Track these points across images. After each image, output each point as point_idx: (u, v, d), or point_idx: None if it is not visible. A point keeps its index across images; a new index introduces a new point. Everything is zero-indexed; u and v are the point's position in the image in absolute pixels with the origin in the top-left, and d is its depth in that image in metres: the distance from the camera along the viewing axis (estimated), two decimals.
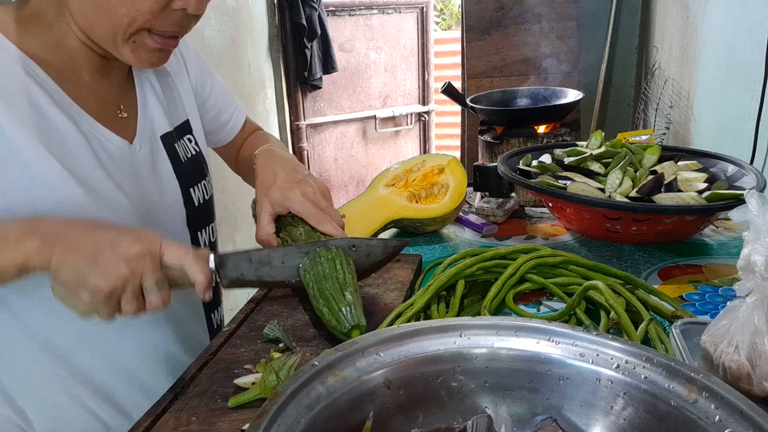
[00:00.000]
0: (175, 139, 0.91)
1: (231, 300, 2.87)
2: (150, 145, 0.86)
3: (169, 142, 0.90)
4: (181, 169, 0.90)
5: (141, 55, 0.77)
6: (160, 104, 0.91)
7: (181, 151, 0.91)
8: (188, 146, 0.94)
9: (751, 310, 0.64)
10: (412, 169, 1.30)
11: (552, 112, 2.49)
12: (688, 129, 2.30)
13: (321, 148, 4.00)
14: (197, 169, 0.95)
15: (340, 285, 0.85)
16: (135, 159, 0.83)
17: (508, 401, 0.57)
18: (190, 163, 0.93)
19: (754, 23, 1.70)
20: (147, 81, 0.91)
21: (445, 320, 0.61)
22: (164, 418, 0.67)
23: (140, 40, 0.75)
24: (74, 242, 0.65)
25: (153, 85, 0.91)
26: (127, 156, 0.82)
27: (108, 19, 0.72)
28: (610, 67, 3.14)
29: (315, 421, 0.49)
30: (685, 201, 1.05)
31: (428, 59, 4.28)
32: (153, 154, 0.87)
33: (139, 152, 0.84)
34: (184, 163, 0.91)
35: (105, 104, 0.83)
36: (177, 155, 0.90)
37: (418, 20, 4.18)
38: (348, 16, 3.90)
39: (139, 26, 0.73)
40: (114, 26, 0.73)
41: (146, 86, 0.90)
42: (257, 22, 3.34)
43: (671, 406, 0.50)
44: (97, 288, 0.64)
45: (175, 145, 0.91)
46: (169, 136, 0.90)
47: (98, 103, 0.82)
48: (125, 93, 0.87)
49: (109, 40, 0.75)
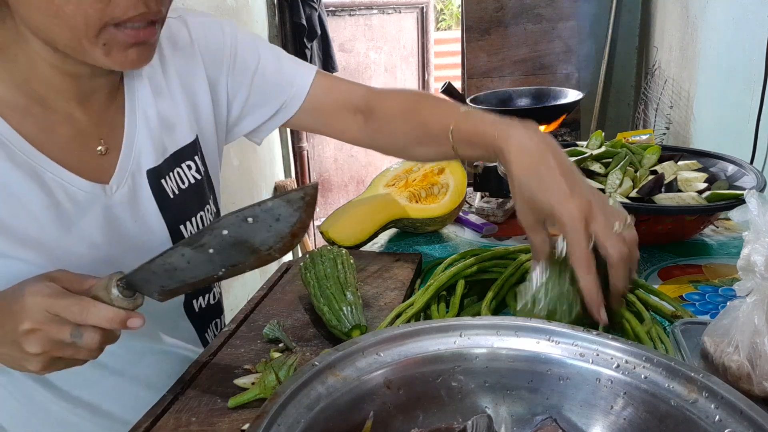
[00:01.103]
0: (165, 172, 0.82)
1: (231, 300, 2.87)
2: (131, 183, 0.78)
3: (155, 178, 0.81)
4: (169, 205, 0.82)
5: (116, 56, 0.67)
6: (152, 133, 0.81)
7: (171, 185, 0.82)
8: (185, 175, 0.84)
9: (751, 310, 0.64)
10: (412, 169, 1.30)
11: (552, 112, 2.49)
12: (688, 129, 2.30)
13: (321, 148, 4.00)
14: (195, 201, 0.86)
15: (341, 284, 0.85)
16: (110, 202, 0.76)
17: (508, 401, 0.57)
18: (184, 195, 0.84)
19: (754, 23, 1.70)
20: (140, 106, 0.81)
21: (445, 320, 0.61)
22: (164, 419, 0.67)
23: (110, 39, 0.66)
24: None
25: (147, 110, 0.81)
26: (100, 199, 0.75)
27: (62, 24, 0.64)
28: (610, 67, 3.14)
29: (315, 421, 0.49)
30: (685, 201, 1.05)
31: (428, 59, 4.28)
32: (134, 193, 0.79)
33: (115, 194, 0.76)
34: (174, 199, 0.82)
35: (79, 141, 0.75)
36: (164, 192, 0.81)
37: (418, 20, 4.18)
38: (348, 16, 3.90)
39: (98, 21, 0.64)
40: (71, 29, 0.64)
41: (138, 113, 0.80)
42: (257, 22, 3.34)
43: (671, 406, 0.50)
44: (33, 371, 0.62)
45: (163, 181, 0.82)
46: (157, 171, 0.81)
47: (71, 142, 0.74)
48: (107, 123, 0.78)
49: (76, 47, 0.66)
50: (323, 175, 4.05)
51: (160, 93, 0.83)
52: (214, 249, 0.68)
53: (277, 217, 0.69)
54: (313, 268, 0.90)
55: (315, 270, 0.89)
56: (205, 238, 0.67)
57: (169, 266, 0.67)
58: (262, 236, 0.69)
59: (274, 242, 0.70)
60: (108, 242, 0.76)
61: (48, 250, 0.70)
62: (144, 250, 0.76)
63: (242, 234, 0.69)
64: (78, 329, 0.59)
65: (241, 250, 0.69)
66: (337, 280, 0.86)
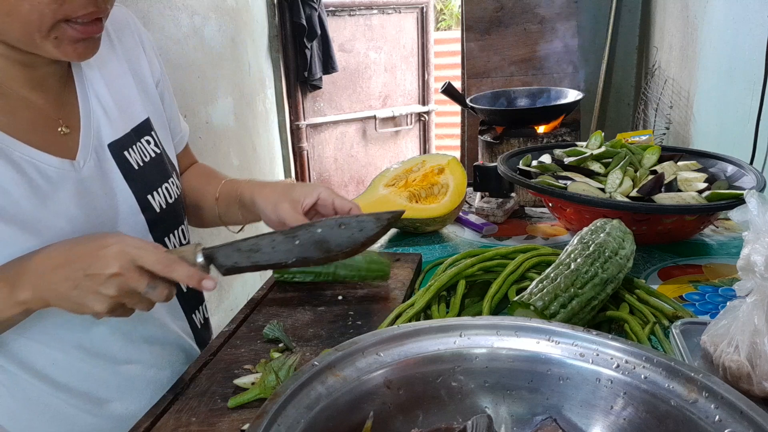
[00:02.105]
0: (127, 145, 0.86)
1: (231, 300, 2.87)
2: (96, 158, 0.82)
3: (118, 151, 0.85)
4: (134, 176, 0.86)
5: (66, 49, 0.72)
6: (106, 111, 0.85)
7: (135, 157, 0.87)
8: (145, 149, 0.89)
9: (751, 310, 0.64)
10: (412, 169, 1.30)
11: (552, 112, 2.49)
12: (688, 129, 2.30)
13: (321, 148, 4.00)
14: (157, 173, 0.90)
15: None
16: (79, 176, 0.79)
17: (508, 401, 0.57)
18: (147, 168, 0.88)
19: (754, 23, 1.70)
20: (91, 88, 0.85)
21: (445, 320, 0.61)
22: (164, 419, 0.67)
23: (61, 33, 0.70)
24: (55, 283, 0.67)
25: (98, 91, 0.86)
26: (70, 175, 0.78)
27: (16, 20, 0.68)
28: (610, 67, 3.15)
29: (315, 421, 0.49)
30: (685, 201, 1.05)
31: (428, 59, 4.28)
32: (101, 166, 0.82)
33: (83, 168, 0.80)
34: (139, 170, 0.87)
35: (41, 123, 0.78)
36: (128, 163, 0.86)
37: (418, 20, 4.18)
38: (348, 16, 3.90)
39: (51, 19, 0.68)
40: (25, 25, 0.68)
41: (90, 94, 0.85)
42: (257, 22, 3.34)
43: (671, 406, 0.50)
44: (96, 312, 0.68)
45: (126, 153, 0.86)
46: (119, 144, 0.85)
47: (33, 123, 0.77)
48: (64, 105, 0.82)
49: (28, 41, 0.70)
50: (323, 175, 4.05)
51: (110, 74, 0.88)
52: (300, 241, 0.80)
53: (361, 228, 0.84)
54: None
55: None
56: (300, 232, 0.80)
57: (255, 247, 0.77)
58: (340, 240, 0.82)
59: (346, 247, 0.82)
60: (84, 215, 0.79)
61: (28, 226, 0.73)
62: (117, 221, 0.83)
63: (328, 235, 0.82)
64: (154, 282, 0.68)
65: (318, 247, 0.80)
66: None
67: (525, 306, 0.77)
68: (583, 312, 0.78)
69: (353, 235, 0.84)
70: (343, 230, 0.84)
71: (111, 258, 0.66)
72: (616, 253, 0.85)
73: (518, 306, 0.78)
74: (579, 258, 0.83)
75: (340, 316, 0.89)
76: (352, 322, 0.87)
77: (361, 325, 0.86)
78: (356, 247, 0.84)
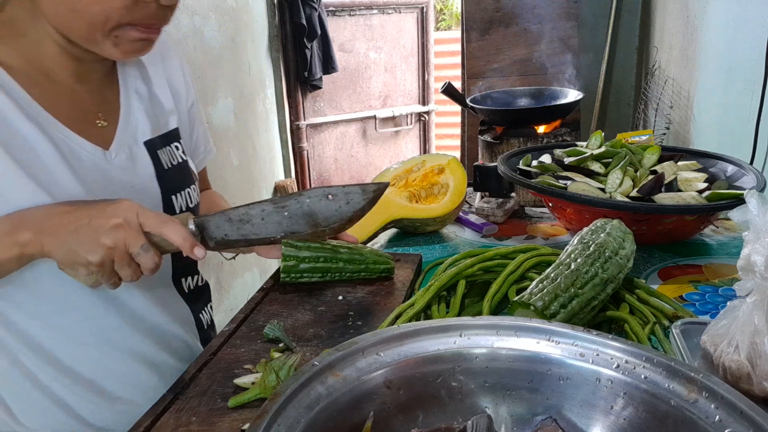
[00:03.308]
0: (159, 145, 0.90)
1: (231, 300, 2.87)
2: (129, 153, 0.86)
3: (152, 149, 0.89)
4: (164, 174, 0.89)
5: (125, 47, 0.77)
6: (146, 111, 0.90)
7: (166, 158, 0.91)
8: (174, 154, 0.93)
9: (751, 310, 0.64)
10: (412, 169, 1.30)
11: (552, 112, 2.49)
12: (688, 129, 2.30)
13: (321, 148, 4.00)
14: (183, 177, 0.94)
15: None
16: (110, 166, 0.83)
17: (508, 401, 0.57)
18: (175, 170, 0.92)
19: (754, 23, 1.70)
20: (133, 88, 0.90)
21: (445, 320, 0.61)
22: (164, 418, 0.67)
23: (122, 33, 0.75)
24: (58, 226, 0.69)
25: (140, 92, 0.91)
26: (101, 163, 0.82)
27: (83, 19, 0.72)
28: (610, 67, 3.15)
29: (315, 421, 0.49)
30: (685, 201, 1.05)
31: (428, 59, 4.28)
32: (132, 161, 0.86)
33: (114, 159, 0.83)
34: (168, 170, 0.90)
35: (81, 112, 0.82)
36: (160, 162, 0.89)
37: (418, 20, 4.18)
38: (348, 16, 3.90)
39: (115, 22, 0.73)
40: (90, 25, 0.73)
41: (132, 93, 0.89)
42: (257, 22, 3.34)
43: (671, 406, 0.50)
44: (88, 262, 0.69)
45: (159, 152, 0.90)
46: (153, 142, 0.89)
47: (74, 111, 0.81)
48: (105, 101, 0.86)
49: (89, 39, 0.75)
50: (323, 175, 4.05)
51: (151, 81, 0.93)
52: (289, 213, 0.81)
53: (348, 200, 0.85)
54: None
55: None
56: (289, 202, 0.81)
57: (245, 217, 0.79)
58: (328, 214, 0.84)
59: (333, 222, 0.84)
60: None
61: (56, 194, 0.76)
62: None
63: (316, 207, 0.84)
64: (147, 246, 0.71)
65: (307, 221, 0.82)
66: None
67: (525, 306, 0.77)
68: (583, 312, 0.79)
69: (341, 208, 0.86)
70: (330, 202, 0.85)
71: (118, 210, 0.71)
72: (617, 253, 0.85)
73: (518, 306, 0.78)
74: (579, 258, 0.83)
75: (340, 316, 0.89)
76: (352, 322, 0.87)
77: (361, 325, 0.86)
78: (343, 222, 0.87)
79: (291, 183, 3.75)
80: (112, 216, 0.70)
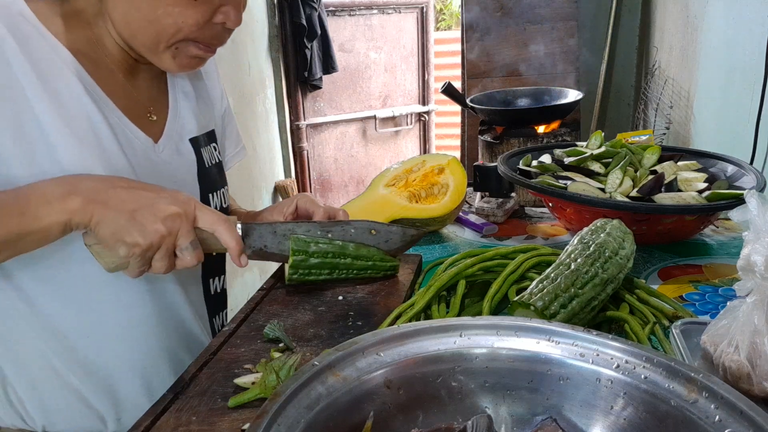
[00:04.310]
0: (202, 143, 0.94)
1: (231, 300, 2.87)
2: (175, 148, 0.89)
3: (197, 146, 0.93)
4: (204, 172, 0.93)
5: (182, 61, 0.81)
6: (192, 110, 0.94)
7: (207, 156, 0.95)
8: (213, 154, 0.97)
9: (751, 310, 0.64)
10: (412, 169, 1.30)
11: (552, 112, 2.49)
12: (688, 129, 2.30)
13: (321, 148, 4.00)
14: (220, 177, 0.98)
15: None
16: (158, 158, 0.86)
17: (508, 401, 0.57)
18: (213, 169, 0.96)
19: (754, 23, 1.70)
20: (180, 86, 0.94)
21: (445, 320, 0.61)
22: (164, 418, 0.67)
23: (183, 47, 0.79)
24: (114, 200, 0.68)
25: (186, 91, 0.95)
26: (150, 154, 0.85)
27: (153, 29, 0.76)
28: (610, 67, 3.15)
29: (315, 421, 0.49)
30: (685, 200, 1.05)
31: (428, 59, 4.28)
32: (178, 156, 0.89)
33: (162, 152, 0.87)
34: (208, 168, 0.94)
35: (135, 104, 0.86)
36: (203, 159, 0.93)
37: (418, 20, 4.18)
38: (348, 16, 3.90)
39: (183, 37, 0.77)
40: (158, 36, 0.76)
41: (179, 91, 0.94)
42: (257, 22, 3.34)
43: (671, 406, 0.50)
44: (135, 243, 0.68)
45: (202, 150, 0.94)
46: (198, 140, 0.93)
47: (130, 101, 0.84)
48: (155, 97, 0.90)
49: (151, 48, 0.79)
50: (323, 175, 4.05)
51: (195, 85, 0.98)
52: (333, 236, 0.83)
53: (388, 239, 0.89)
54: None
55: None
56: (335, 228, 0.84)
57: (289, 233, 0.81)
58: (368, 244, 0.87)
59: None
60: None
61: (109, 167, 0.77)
62: None
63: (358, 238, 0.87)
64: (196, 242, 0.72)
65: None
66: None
67: (525, 306, 0.77)
68: (584, 312, 0.79)
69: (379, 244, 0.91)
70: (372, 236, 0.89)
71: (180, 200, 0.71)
72: (617, 253, 0.85)
73: (518, 306, 0.78)
74: (579, 258, 0.83)
75: (340, 316, 0.89)
76: (352, 322, 0.87)
77: (361, 325, 0.86)
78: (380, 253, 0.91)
79: (291, 183, 3.75)
80: (173, 203, 0.70)
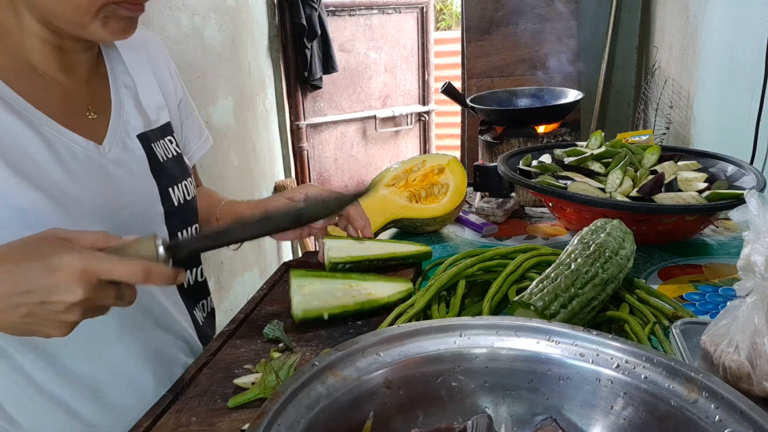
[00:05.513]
0: (153, 138, 0.91)
1: (231, 300, 2.87)
2: (123, 146, 0.86)
3: (146, 142, 0.89)
4: (159, 168, 0.89)
5: (113, 26, 0.77)
6: (136, 105, 0.90)
7: (161, 151, 0.91)
8: (169, 147, 0.93)
9: (751, 310, 0.64)
10: (412, 169, 1.30)
11: (552, 112, 2.49)
12: (688, 129, 2.30)
13: (321, 148, 4.00)
14: (179, 169, 0.94)
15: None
16: (104, 160, 0.82)
17: (508, 401, 0.57)
18: (170, 162, 0.92)
19: (754, 23, 1.70)
20: (122, 82, 0.90)
21: (445, 320, 0.61)
22: (164, 418, 0.67)
23: (110, 13, 0.75)
24: (2, 312, 0.60)
25: (129, 86, 0.91)
26: (95, 157, 0.81)
27: (68, 3, 0.73)
28: (610, 67, 3.14)
29: (315, 421, 0.49)
30: (685, 200, 1.05)
31: (428, 59, 4.28)
32: (127, 154, 0.86)
33: (109, 153, 0.83)
34: (163, 163, 0.91)
35: (71, 105, 0.82)
36: (155, 154, 0.90)
37: (418, 20, 4.18)
38: (348, 16, 3.90)
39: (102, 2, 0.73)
40: (76, 8, 0.73)
41: (121, 87, 0.90)
42: (257, 22, 3.34)
43: (671, 406, 0.50)
44: (53, 337, 0.62)
45: (153, 145, 0.90)
46: (147, 136, 0.90)
47: (63, 104, 0.81)
48: (94, 93, 0.86)
49: (76, 23, 0.75)
50: (323, 175, 4.05)
51: (139, 77, 0.93)
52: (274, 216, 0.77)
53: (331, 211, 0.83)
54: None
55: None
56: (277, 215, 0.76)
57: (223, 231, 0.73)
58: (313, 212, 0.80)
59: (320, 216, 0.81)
60: (107, 197, 0.81)
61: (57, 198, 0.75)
62: (138, 208, 0.85)
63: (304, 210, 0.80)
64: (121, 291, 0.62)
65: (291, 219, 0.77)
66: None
67: (525, 306, 0.77)
68: (584, 312, 0.78)
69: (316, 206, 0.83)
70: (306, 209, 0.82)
71: (74, 282, 0.58)
72: (617, 253, 0.85)
73: (518, 306, 0.78)
74: (579, 258, 0.83)
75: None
76: (352, 322, 0.87)
77: (361, 325, 0.86)
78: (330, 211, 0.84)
79: (291, 183, 3.75)
80: (68, 293, 0.58)
